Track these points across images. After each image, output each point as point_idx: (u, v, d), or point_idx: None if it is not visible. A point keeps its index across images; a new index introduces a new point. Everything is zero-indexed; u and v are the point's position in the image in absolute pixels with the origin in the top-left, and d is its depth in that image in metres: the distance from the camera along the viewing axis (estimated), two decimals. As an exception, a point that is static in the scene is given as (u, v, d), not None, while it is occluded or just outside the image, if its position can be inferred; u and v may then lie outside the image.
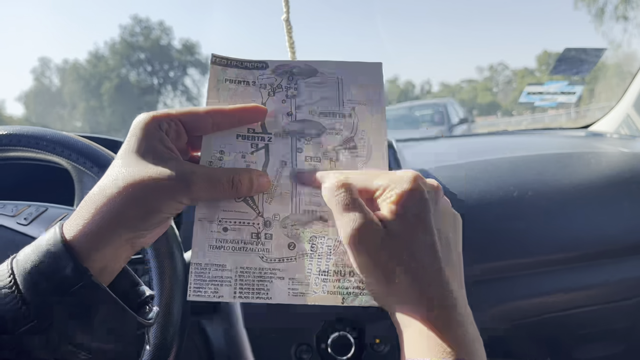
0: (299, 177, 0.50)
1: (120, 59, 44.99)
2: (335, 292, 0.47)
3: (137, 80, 45.47)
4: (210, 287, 0.47)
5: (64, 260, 0.40)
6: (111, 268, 0.43)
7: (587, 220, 1.06)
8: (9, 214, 0.75)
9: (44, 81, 47.22)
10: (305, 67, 0.54)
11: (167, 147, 0.45)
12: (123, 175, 0.42)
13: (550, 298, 1.06)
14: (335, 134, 0.51)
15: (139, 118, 0.46)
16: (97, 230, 0.41)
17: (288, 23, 0.76)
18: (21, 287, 0.39)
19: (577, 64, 1.38)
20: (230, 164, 0.49)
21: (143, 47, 45.62)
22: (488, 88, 48.37)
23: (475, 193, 1.09)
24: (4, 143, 0.73)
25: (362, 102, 0.53)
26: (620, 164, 1.16)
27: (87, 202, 0.42)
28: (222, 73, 0.53)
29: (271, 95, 0.52)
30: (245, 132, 0.51)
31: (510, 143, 1.48)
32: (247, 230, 0.48)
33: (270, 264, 0.47)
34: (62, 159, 0.73)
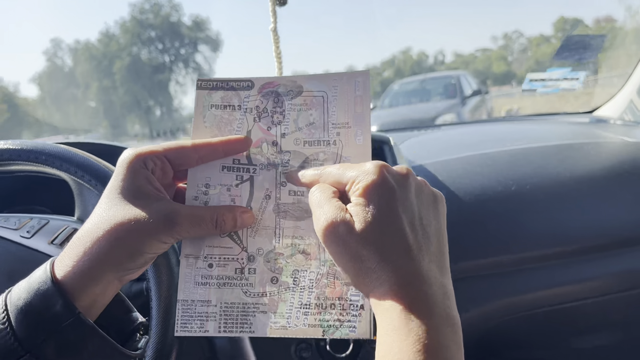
0: (287, 177, 0.51)
1: (131, 37, 44.83)
2: (316, 324, 0.49)
3: (148, 59, 45.35)
4: (196, 323, 0.49)
5: (54, 298, 0.42)
6: (100, 302, 0.45)
7: (586, 214, 1.07)
8: (12, 227, 0.77)
9: (57, 62, 47.33)
10: (291, 84, 0.54)
11: (152, 185, 0.47)
12: (108, 217, 0.44)
13: (549, 291, 1.07)
14: (319, 164, 0.52)
15: (124, 156, 0.47)
16: (85, 271, 0.43)
17: (275, 33, 0.76)
18: (13, 323, 0.42)
19: (580, 50, 1.36)
20: (215, 198, 0.51)
21: (153, 24, 45.38)
22: (503, 57, 47.47)
23: (474, 188, 1.09)
24: (5, 158, 0.75)
25: (347, 124, 0.53)
26: (622, 154, 1.15)
27: (75, 242, 0.44)
28: (208, 98, 0.53)
29: (257, 121, 0.53)
30: (230, 164, 0.52)
31: (511, 133, 1.47)
32: (232, 266, 0.50)
33: (253, 298, 0.49)
34: (61, 172, 0.75)
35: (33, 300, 0.42)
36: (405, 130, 1.71)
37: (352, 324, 0.49)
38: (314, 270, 0.50)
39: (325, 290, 0.49)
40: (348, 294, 0.50)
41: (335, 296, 0.49)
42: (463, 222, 1.08)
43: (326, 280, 0.50)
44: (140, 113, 43.81)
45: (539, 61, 35.33)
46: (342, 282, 0.50)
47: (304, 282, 0.50)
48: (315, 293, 0.49)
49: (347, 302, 0.49)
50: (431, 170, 1.15)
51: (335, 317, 0.49)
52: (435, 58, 56.49)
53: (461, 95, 8.36)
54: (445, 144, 1.42)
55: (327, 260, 0.50)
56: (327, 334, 0.49)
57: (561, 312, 1.10)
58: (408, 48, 64.43)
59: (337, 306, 0.49)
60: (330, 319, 0.49)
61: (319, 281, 0.50)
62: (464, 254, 1.06)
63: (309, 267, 0.50)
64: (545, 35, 42.73)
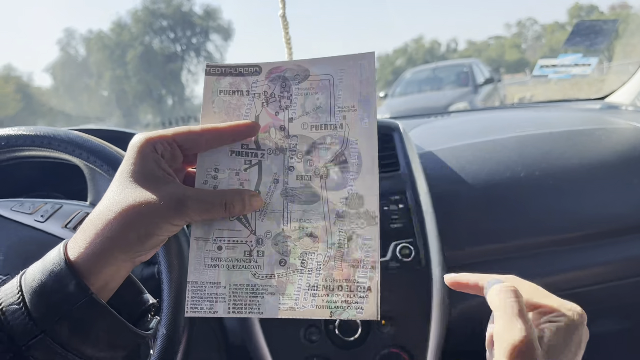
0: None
1: (143, 26, 44.89)
2: (324, 306, 0.50)
3: (160, 48, 45.40)
4: (206, 304, 0.50)
5: (67, 279, 0.43)
6: (112, 283, 0.46)
7: (595, 200, 1.06)
8: (27, 212, 0.79)
9: (70, 51, 47.54)
10: (298, 68, 0.54)
11: (162, 169, 0.48)
12: (119, 200, 0.45)
13: (557, 277, 1.07)
14: (325, 148, 0.53)
15: (134, 140, 0.48)
16: (97, 253, 0.44)
17: (284, 19, 0.77)
18: (28, 303, 0.43)
19: (592, 36, 1.35)
20: (224, 182, 0.52)
21: (165, 14, 45.38)
22: (516, 44, 46.91)
23: (483, 174, 1.09)
24: (19, 144, 0.76)
25: (353, 107, 0.53)
26: (632, 140, 1.15)
27: (88, 224, 0.45)
28: (216, 84, 0.54)
29: (264, 106, 0.54)
30: (239, 148, 0.53)
31: (521, 120, 1.46)
32: (240, 248, 0.51)
33: (262, 280, 0.50)
34: (74, 158, 0.76)
35: (47, 281, 0.43)
36: (415, 117, 1.71)
37: (359, 305, 0.50)
38: (322, 252, 0.51)
39: (333, 272, 0.50)
40: (355, 276, 0.50)
41: (342, 278, 0.50)
42: (472, 208, 1.08)
43: (333, 262, 0.50)
44: (153, 102, 43.96)
45: (554, 48, 34.88)
46: (349, 264, 0.50)
47: (312, 264, 0.50)
48: (323, 275, 0.50)
49: (354, 284, 0.50)
50: (440, 157, 1.15)
51: (343, 299, 0.50)
52: (447, 46, 55.99)
53: (474, 84, 8.31)
54: (455, 131, 1.42)
55: (334, 243, 0.51)
56: (335, 315, 0.50)
57: (570, 298, 1.10)
58: (420, 36, 63.93)
59: (345, 288, 0.50)
60: (338, 300, 0.50)
61: (327, 263, 0.50)
62: (472, 240, 1.06)
63: (316, 250, 0.51)
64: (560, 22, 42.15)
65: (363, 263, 0.51)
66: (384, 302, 1.02)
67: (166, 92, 45.93)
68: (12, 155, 0.77)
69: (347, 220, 0.52)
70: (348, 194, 0.52)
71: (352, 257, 0.51)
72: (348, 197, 0.52)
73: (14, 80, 37.28)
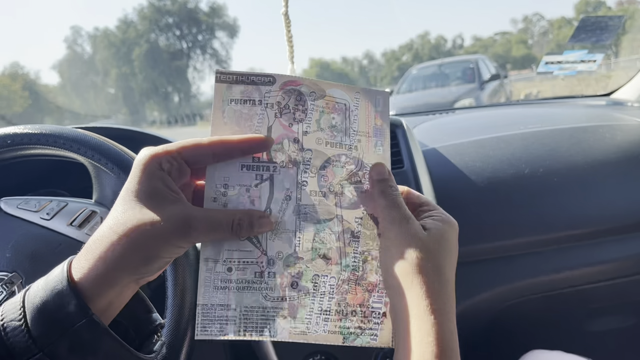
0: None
1: (149, 24, 44.98)
2: (336, 331, 0.48)
3: (166, 45, 45.48)
4: (216, 326, 0.48)
5: (68, 298, 0.42)
6: (117, 304, 0.46)
7: (601, 196, 1.06)
8: (33, 210, 0.79)
9: (77, 49, 47.69)
10: (314, 86, 0.52)
11: (168, 187, 0.46)
12: (123, 221, 0.44)
13: (562, 274, 1.06)
14: (340, 166, 0.51)
15: (139, 157, 0.47)
16: (100, 275, 0.43)
17: (287, 17, 0.77)
18: (29, 321, 0.42)
19: (597, 32, 1.34)
20: (234, 200, 0.49)
21: (171, 11, 45.44)
22: (523, 40, 46.67)
23: (487, 171, 1.09)
24: (25, 142, 0.76)
25: (368, 133, 0.53)
26: (637, 136, 1.14)
27: (91, 245, 0.44)
28: (227, 92, 0.51)
29: (278, 117, 0.51)
30: (250, 162, 0.50)
31: (525, 116, 1.46)
32: (251, 270, 0.49)
33: (273, 302, 0.48)
34: (79, 156, 0.76)
35: (49, 299, 0.43)
36: (419, 114, 1.71)
37: (373, 332, 0.48)
38: (335, 275, 0.49)
39: (347, 296, 0.49)
40: (370, 301, 0.49)
41: (356, 303, 0.49)
42: (476, 205, 1.08)
43: (347, 286, 0.49)
44: (159, 99, 44.05)
45: (560, 44, 34.65)
46: (364, 288, 0.49)
47: (325, 287, 0.49)
48: (336, 299, 0.49)
49: (368, 309, 0.49)
50: (444, 153, 1.15)
51: (356, 325, 0.48)
52: (453, 42, 55.79)
53: (480, 80, 8.27)
54: (459, 128, 1.42)
55: (348, 265, 0.49)
56: (347, 342, 0.48)
57: (576, 295, 1.10)
58: (426, 32, 63.71)
59: (359, 313, 0.48)
60: (351, 326, 0.48)
61: (340, 287, 0.49)
62: (476, 237, 1.06)
63: (329, 273, 0.49)
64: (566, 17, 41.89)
65: (378, 287, 0.49)
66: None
67: (172, 89, 46.03)
68: (18, 153, 0.77)
69: (363, 242, 0.50)
70: (363, 214, 0.51)
71: (367, 281, 0.49)
72: (363, 217, 0.51)
73: (21, 78, 37.46)
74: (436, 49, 53.72)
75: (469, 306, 1.06)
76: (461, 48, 53.59)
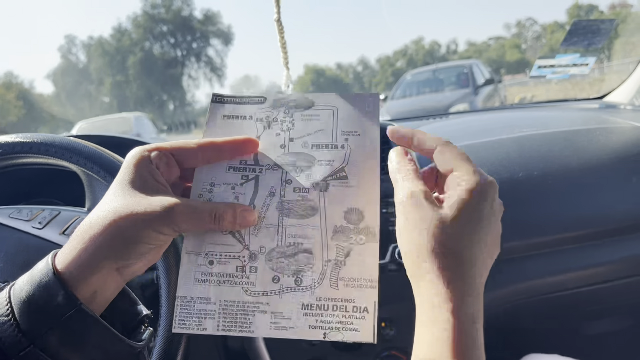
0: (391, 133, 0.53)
1: (143, 32, 45.03)
2: (317, 326, 0.47)
3: (161, 53, 45.53)
4: (194, 320, 0.48)
5: (55, 289, 0.43)
6: (102, 295, 0.45)
7: (594, 199, 1.06)
8: (25, 219, 0.79)
9: (71, 58, 47.70)
10: (303, 99, 0.55)
11: (155, 179, 0.48)
12: (109, 208, 0.45)
13: (558, 277, 1.07)
14: (326, 164, 0.52)
15: (131, 152, 0.49)
16: (83, 261, 0.43)
17: (279, 23, 0.77)
18: (17, 315, 0.42)
19: (589, 36, 1.34)
20: (219, 196, 0.51)
21: (165, 19, 45.50)
22: (516, 45, 46.95)
23: (481, 175, 1.09)
24: (16, 151, 0.76)
25: (356, 132, 0.53)
26: (630, 139, 1.15)
27: (76, 233, 0.45)
28: (221, 109, 0.55)
29: (266, 128, 0.54)
30: (237, 164, 0.52)
31: (519, 120, 1.46)
32: (233, 264, 0.49)
33: (254, 297, 0.48)
34: (71, 164, 0.76)
35: (35, 292, 0.43)
36: (413, 119, 1.71)
37: (354, 326, 0.47)
38: (317, 270, 0.49)
39: (328, 291, 0.48)
40: (351, 296, 0.48)
41: (338, 297, 0.48)
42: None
43: (329, 280, 0.49)
44: (154, 107, 44.05)
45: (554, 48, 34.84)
46: (346, 282, 0.48)
47: (306, 282, 0.49)
48: (317, 294, 0.48)
49: (350, 304, 0.48)
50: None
51: (338, 319, 0.47)
52: (447, 47, 56.05)
53: (474, 85, 8.30)
54: (453, 132, 1.42)
55: (330, 260, 0.49)
56: (329, 336, 0.47)
57: (572, 298, 1.10)
58: (420, 37, 64.02)
59: (340, 308, 0.48)
60: (333, 320, 0.47)
61: (322, 281, 0.48)
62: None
63: (311, 267, 0.49)
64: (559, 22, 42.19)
65: (360, 282, 0.49)
66: (383, 304, 1.02)
67: (167, 97, 46.06)
68: (10, 162, 0.77)
69: (346, 236, 0.50)
70: (348, 208, 0.51)
71: (349, 276, 0.49)
72: (347, 211, 0.50)
73: (15, 87, 37.39)
74: (430, 54, 53.98)
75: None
76: (455, 53, 53.86)
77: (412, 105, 8.12)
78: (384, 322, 1.00)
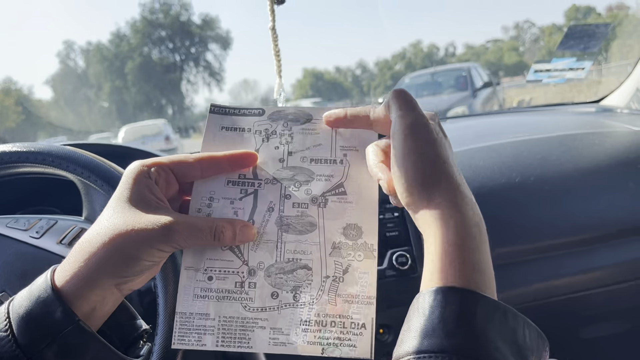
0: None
1: (141, 37, 45.05)
2: (316, 342, 0.48)
3: (159, 58, 45.55)
4: (194, 336, 0.48)
5: (53, 305, 0.43)
6: (100, 310, 0.46)
7: (591, 204, 1.06)
8: (22, 228, 0.79)
9: (70, 64, 47.72)
10: (301, 113, 0.55)
11: (153, 194, 0.48)
12: (108, 225, 0.45)
13: (554, 282, 1.07)
14: (325, 180, 0.52)
15: (129, 167, 0.49)
16: (82, 277, 0.44)
17: (274, 31, 0.77)
18: (15, 331, 0.43)
19: (585, 39, 1.35)
20: (218, 211, 0.51)
21: (163, 24, 45.55)
22: (514, 47, 47.01)
23: (478, 180, 1.09)
24: (13, 160, 0.76)
25: (355, 147, 0.54)
26: (627, 143, 1.15)
27: (76, 249, 0.45)
28: (220, 121, 0.55)
29: (265, 142, 0.54)
30: (236, 178, 0.52)
31: (516, 125, 1.46)
32: (232, 279, 0.49)
33: (252, 313, 0.49)
34: (68, 173, 0.76)
35: (34, 308, 0.43)
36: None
37: (352, 342, 0.48)
38: (315, 286, 0.49)
39: (327, 307, 0.48)
40: (349, 312, 0.48)
41: (336, 313, 0.48)
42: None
43: (327, 296, 0.49)
44: (153, 112, 44.04)
45: (552, 51, 34.90)
46: (344, 299, 0.49)
47: (305, 298, 0.49)
48: (316, 310, 0.48)
49: (348, 320, 0.48)
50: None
51: (336, 335, 0.48)
52: (446, 50, 56.12)
53: (472, 88, 8.30)
54: (451, 137, 1.41)
55: (328, 276, 0.49)
56: (327, 352, 0.48)
57: (568, 303, 1.10)
58: (419, 41, 64.07)
59: (338, 324, 0.48)
60: (330, 336, 0.48)
61: (320, 297, 0.49)
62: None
63: (310, 283, 0.49)
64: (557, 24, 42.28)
65: (358, 298, 0.49)
66: (381, 310, 1.02)
67: (166, 101, 46.09)
68: (7, 172, 0.77)
69: (344, 252, 0.50)
70: (346, 224, 0.51)
71: (348, 292, 0.49)
72: (346, 227, 0.51)
73: (14, 93, 37.42)
74: (429, 57, 54.04)
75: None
76: (453, 56, 53.95)
77: (410, 109, 8.11)
78: (382, 329, 1.00)
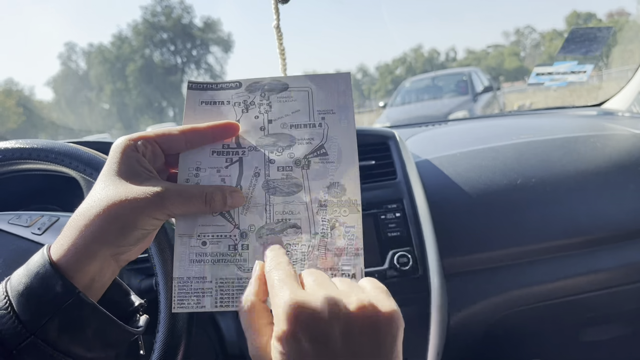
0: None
1: (143, 39, 45.09)
2: None
3: (160, 61, 45.58)
4: (192, 299, 0.50)
5: (53, 279, 0.44)
6: (99, 282, 0.47)
7: (592, 206, 1.06)
8: (24, 225, 0.79)
9: (71, 65, 47.75)
10: (277, 83, 0.57)
11: (143, 166, 0.49)
12: (101, 196, 0.46)
13: (556, 284, 1.07)
14: (306, 143, 0.54)
15: (117, 142, 0.50)
16: (80, 249, 0.44)
17: (279, 30, 0.77)
18: (16, 307, 0.43)
19: (587, 43, 1.35)
20: (205, 179, 0.53)
21: (165, 26, 45.59)
22: (515, 53, 47.04)
23: (480, 182, 1.09)
24: (16, 157, 0.76)
25: (332, 110, 0.56)
26: (628, 146, 1.15)
27: (70, 223, 0.46)
28: (198, 96, 0.57)
29: (245, 112, 0.56)
30: (220, 148, 0.54)
31: (518, 127, 1.46)
32: (225, 243, 0.52)
33: (247, 273, 0.51)
34: (70, 170, 0.76)
35: (33, 284, 0.44)
36: (413, 126, 1.71)
37: None
38: (305, 243, 0.51)
39: (317, 262, 0.51)
40: (339, 264, 0.51)
41: (327, 267, 0.51)
42: (469, 216, 1.08)
43: (317, 252, 0.51)
44: (154, 114, 44.08)
45: (552, 56, 34.92)
46: (333, 252, 0.51)
47: (297, 255, 0.51)
48: (307, 265, 0.51)
49: (339, 272, 0.51)
50: (437, 165, 1.15)
51: None
52: (446, 55, 56.16)
53: (473, 92, 8.31)
54: (452, 139, 1.42)
55: (317, 233, 0.52)
56: None
57: (569, 305, 1.10)
58: (419, 45, 64.18)
59: (329, 276, 0.49)
60: None
61: (311, 253, 0.51)
62: (470, 248, 1.06)
63: (300, 241, 0.51)
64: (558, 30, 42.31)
65: (346, 251, 0.51)
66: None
67: (167, 104, 46.09)
68: (10, 168, 0.77)
69: (330, 209, 0.52)
70: (330, 182, 0.53)
71: (336, 246, 0.51)
72: (330, 185, 0.53)
73: (15, 94, 37.45)
74: (429, 62, 54.08)
75: (463, 317, 1.06)
76: (454, 61, 54.00)
77: (411, 113, 8.12)
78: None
